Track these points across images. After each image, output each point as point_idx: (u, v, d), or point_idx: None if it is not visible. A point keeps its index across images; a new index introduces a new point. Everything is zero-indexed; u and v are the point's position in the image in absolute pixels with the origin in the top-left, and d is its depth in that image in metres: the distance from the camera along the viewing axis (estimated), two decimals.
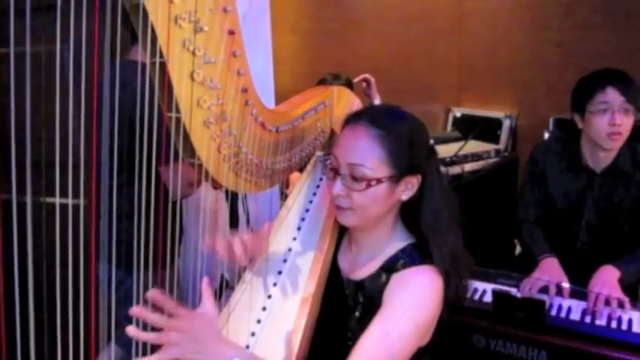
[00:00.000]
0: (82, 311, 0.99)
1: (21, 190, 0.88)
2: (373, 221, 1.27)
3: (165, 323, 1.00)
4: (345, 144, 1.23)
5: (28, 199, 0.87)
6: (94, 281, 1.01)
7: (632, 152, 2.09)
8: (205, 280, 1.07)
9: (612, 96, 1.97)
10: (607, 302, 1.82)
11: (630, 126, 2.01)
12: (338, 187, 1.22)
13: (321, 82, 2.71)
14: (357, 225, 1.28)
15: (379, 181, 1.19)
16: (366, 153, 1.20)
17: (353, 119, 1.25)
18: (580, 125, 2.09)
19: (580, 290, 1.92)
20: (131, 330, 0.97)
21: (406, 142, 1.22)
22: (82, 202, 0.97)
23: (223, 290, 1.39)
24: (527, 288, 1.93)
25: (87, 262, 1.02)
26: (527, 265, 2.10)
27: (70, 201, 0.93)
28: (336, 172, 1.23)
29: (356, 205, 1.22)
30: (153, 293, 1.00)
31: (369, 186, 1.19)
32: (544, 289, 1.93)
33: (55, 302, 0.97)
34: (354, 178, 1.20)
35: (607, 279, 1.89)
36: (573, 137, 2.18)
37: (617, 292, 1.84)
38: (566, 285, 1.93)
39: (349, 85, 2.71)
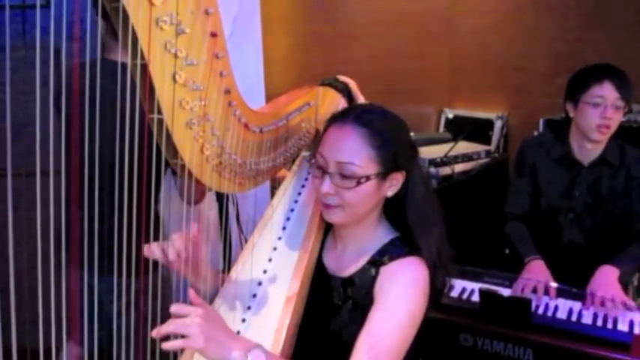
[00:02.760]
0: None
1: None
2: (359, 218, 1.29)
3: (189, 311, 1.03)
4: (333, 143, 1.24)
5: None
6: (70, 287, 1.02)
7: (619, 148, 2.14)
8: (191, 291, 1.08)
9: (608, 91, 2.03)
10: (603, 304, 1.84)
11: (619, 121, 2.06)
12: (327, 185, 1.23)
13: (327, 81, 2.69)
14: (344, 222, 1.30)
15: (368, 178, 1.22)
16: (355, 151, 1.22)
17: (339, 118, 1.27)
18: (571, 114, 2.14)
19: (567, 289, 1.94)
20: (167, 345, 1.01)
21: (392, 140, 1.26)
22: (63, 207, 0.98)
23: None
24: (520, 289, 1.95)
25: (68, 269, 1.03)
26: (517, 265, 2.12)
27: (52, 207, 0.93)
28: (323, 170, 1.25)
29: (345, 202, 1.24)
30: (174, 308, 1.03)
31: (359, 183, 1.22)
32: (533, 290, 1.95)
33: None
34: (344, 176, 1.22)
35: (609, 280, 1.91)
36: (563, 131, 2.21)
37: (619, 294, 1.86)
38: (553, 284, 1.96)
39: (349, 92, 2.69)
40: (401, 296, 1.21)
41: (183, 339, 1.02)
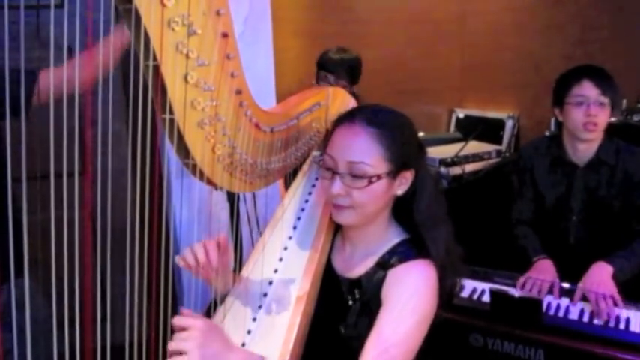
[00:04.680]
0: None
1: None
2: (370, 218, 1.29)
3: (190, 324, 1.04)
4: (343, 143, 1.24)
5: None
6: None
7: (614, 146, 2.15)
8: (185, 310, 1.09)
9: (588, 88, 2.05)
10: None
11: (606, 119, 2.08)
12: (337, 186, 1.23)
13: (324, 57, 2.71)
14: (355, 223, 1.29)
15: (379, 177, 1.22)
16: (365, 151, 1.22)
17: (347, 119, 1.27)
18: (560, 118, 2.17)
19: (572, 289, 1.94)
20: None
21: (401, 139, 1.26)
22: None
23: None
24: (528, 287, 1.95)
25: None
26: (527, 265, 2.12)
27: None
28: (333, 171, 1.25)
29: (356, 203, 1.24)
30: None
31: (370, 183, 1.21)
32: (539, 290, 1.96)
33: None
34: (355, 176, 1.22)
35: (601, 278, 1.91)
36: (557, 136, 2.24)
37: (611, 291, 1.86)
38: (557, 283, 1.97)
39: (352, 67, 2.68)
40: (410, 300, 1.20)
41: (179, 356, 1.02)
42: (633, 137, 2.21)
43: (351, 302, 1.31)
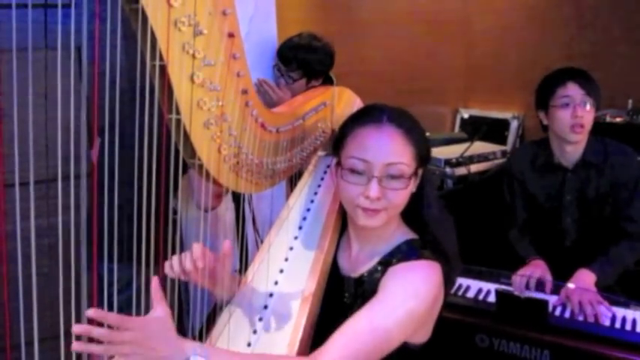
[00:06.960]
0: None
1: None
2: (393, 218, 1.29)
3: (112, 336, 0.94)
4: (377, 145, 1.22)
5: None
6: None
7: (602, 146, 2.14)
8: (155, 280, 1.04)
9: (573, 90, 2.06)
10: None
11: (591, 119, 2.08)
12: (376, 189, 1.20)
13: (289, 43, 2.45)
14: (383, 224, 1.26)
15: (412, 175, 1.23)
16: (401, 151, 1.22)
17: (372, 120, 1.25)
18: (545, 121, 2.18)
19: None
20: (76, 346, 0.91)
21: (423, 135, 1.28)
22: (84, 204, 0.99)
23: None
24: (523, 285, 1.98)
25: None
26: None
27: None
28: (368, 175, 1.21)
29: (392, 204, 1.23)
30: (91, 313, 0.92)
31: (409, 182, 1.22)
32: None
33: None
34: (393, 177, 1.21)
35: (585, 285, 1.92)
36: (544, 140, 2.25)
37: (595, 298, 1.87)
38: (549, 279, 2.00)
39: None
40: (398, 292, 1.18)
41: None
42: (638, 137, 2.20)
43: (353, 301, 1.31)
